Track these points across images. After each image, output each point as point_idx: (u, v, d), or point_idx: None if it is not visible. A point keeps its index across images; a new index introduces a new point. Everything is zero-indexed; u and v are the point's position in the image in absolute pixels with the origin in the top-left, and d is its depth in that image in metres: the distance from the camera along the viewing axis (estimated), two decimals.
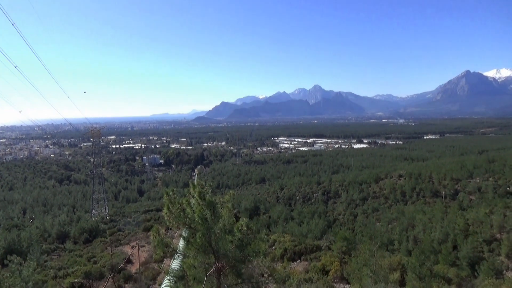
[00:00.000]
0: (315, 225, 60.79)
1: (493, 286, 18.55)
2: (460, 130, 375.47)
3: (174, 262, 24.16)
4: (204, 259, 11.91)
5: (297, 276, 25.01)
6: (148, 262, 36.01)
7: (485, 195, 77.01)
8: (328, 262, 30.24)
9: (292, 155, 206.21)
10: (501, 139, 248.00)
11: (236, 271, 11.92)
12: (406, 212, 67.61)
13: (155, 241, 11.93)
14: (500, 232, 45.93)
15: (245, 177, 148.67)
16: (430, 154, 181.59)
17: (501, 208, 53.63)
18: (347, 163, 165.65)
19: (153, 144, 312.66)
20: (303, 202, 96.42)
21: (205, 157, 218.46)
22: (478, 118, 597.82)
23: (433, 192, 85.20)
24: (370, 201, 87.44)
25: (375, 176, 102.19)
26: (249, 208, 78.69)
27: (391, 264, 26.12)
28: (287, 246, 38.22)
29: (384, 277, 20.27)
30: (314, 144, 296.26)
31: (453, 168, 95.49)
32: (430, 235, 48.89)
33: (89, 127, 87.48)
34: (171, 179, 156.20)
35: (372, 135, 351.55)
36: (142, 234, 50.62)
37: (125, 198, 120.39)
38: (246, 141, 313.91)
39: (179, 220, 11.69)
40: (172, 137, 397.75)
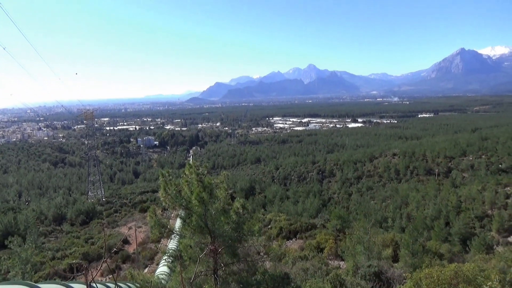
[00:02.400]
0: (310, 204, 61.43)
1: (483, 261, 18.93)
2: (454, 108, 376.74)
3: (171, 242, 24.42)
4: (200, 239, 11.98)
5: (292, 254, 25.38)
6: (145, 243, 36.37)
7: (478, 173, 77.95)
8: (323, 240, 30.69)
9: (287, 135, 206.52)
10: (494, 117, 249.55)
11: (232, 251, 12.01)
12: (400, 190, 68.44)
13: (151, 222, 11.94)
14: (492, 208, 46.77)
15: (240, 158, 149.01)
16: (424, 133, 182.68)
17: (493, 185, 54.42)
18: (342, 142, 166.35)
19: (147, 125, 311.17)
20: (298, 181, 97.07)
21: (200, 138, 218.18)
22: (472, 96, 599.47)
23: (427, 170, 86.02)
24: (365, 180, 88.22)
25: (370, 155, 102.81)
26: (244, 188, 79.19)
27: (384, 241, 26.57)
28: (282, 225, 38.68)
29: (378, 254, 20.61)
30: (309, 124, 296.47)
31: (446, 146, 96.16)
32: (423, 212, 49.72)
33: (82, 109, 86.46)
34: (166, 160, 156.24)
35: (366, 114, 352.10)
36: (139, 215, 50.99)
37: (121, 180, 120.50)
38: (240, 122, 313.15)
39: (175, 201, 11.68)
40: (166, 118, 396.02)
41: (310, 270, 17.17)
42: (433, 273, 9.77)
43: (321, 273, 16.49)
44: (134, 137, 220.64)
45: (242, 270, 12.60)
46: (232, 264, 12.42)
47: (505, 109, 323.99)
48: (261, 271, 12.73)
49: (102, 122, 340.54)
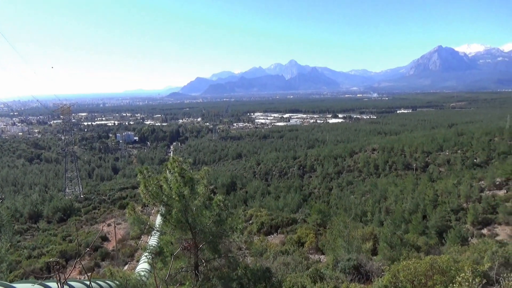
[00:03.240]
0: (291, 199, 61.84)
1: (458, 253, 19.48)
2: (431, 104, 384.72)
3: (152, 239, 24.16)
4: (181, 235, 11.91)
5: (273, 248, 25.53)
6: (125, 240, 35.93)
7: (454, 167, 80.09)
8: (303, 234, 30.98)
9: (268, 131, 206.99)
10: (470, 113, 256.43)
11: (213, 246, 11.98)
12: (379, 185, 69.62)
13: (131, 219, 11.79)
14: (467, 201, 48.15)
15: (222, 153, 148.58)
16: (402, 128, 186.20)
17: (468, 179, 56.01)
18: (323, 137, 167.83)
19: (126, 120, 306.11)
20: (279, 177, 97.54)
21: (180, 134, 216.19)
22: (449, 93, 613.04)
23: (405, 165, 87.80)
24: (345, 175, 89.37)
25: (350, 150, 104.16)
26: (226, 184, 79.01)
27: (364, 234, 26.99)
28: (264, 220, 38.83)
29: (357, 247, 20.94)
30: (290, 119, 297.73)
31: (424, 142, 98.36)
32: (401, 206, 50.76)
33: (59, 104, 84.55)
34: (146, 156, 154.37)
35: (347, 109, 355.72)
36: (118, 212, 50.31)
37: (99, 176, 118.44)
38: (222, 117, 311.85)
39: (155, 198, 11.57)
40: (146, 113, 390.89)
41: (291, 265, 17.33)
42: (410, 265, 10.00)
43: (301, 267, 16.66)
44: (113, 132, 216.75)
45: (223, 266, 12.60)
46: (213, 260, 12.39)
47: (480, 106, 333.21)
48: (243, 266, 12.76)
49: (80, 117, 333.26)
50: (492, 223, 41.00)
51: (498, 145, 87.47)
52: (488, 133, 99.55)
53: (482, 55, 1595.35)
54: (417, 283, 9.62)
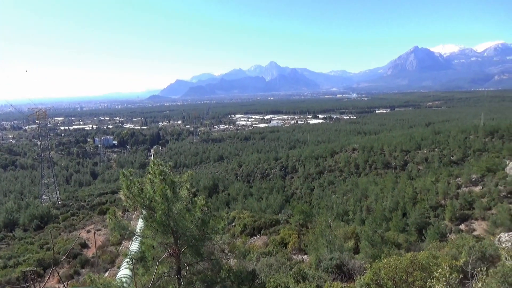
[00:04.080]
0: (274, 200, 61.99)
1: (437, 249, 19.89)
2: (409, 104, 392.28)
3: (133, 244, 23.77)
4: (163, 239, 11.77)
5: (257, 250, 25.49)
6: (105, 246, 35.22)
7: (431, 165, 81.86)
8: (286, 235, 31.04)
9: (250, 132, 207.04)
10: (446, 112, 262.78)
11: (195, 250, 11.89)
12: (359, 184, 70.47)
13: (111, 224, 11.60)
14: (445, 198, 49.28)
15: (203, 156, 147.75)
16: (381, 128, 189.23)
17: (446, 176, 57.42)
18: (304, 138, 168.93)
19: (105, 124, 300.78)
20: (261, 178, 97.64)
21: (161, 137, 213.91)
22: (425, 92, 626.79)
23: (385, 163, 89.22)
24: (326, 175, 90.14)
25: (331, 150, 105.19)
26: (208, 186, 78.66)
27: (346, 233, 27.27)
28: (246, 222, 38.75)
29: (339, 246, 21.11)
30: (271, 121, 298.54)
31: (402, 141, 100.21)
32: (382, 204, 51.54)
33: (34, 109, 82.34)
34: (126, 160, 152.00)
35: (327, 110, 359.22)
36: (98, 218, 49.31)
37: (78, 182, 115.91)
38: (203, 119, 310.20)
39: (137, 201, 11.41)
40: (125, 116, 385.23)
41: (274, 266, 17.31)
42: (391, 263, 10.15)
43: (285, 268, 16.67)
44: (91, 136, 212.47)
45: (206, 269, 12.50)
46: (196, 263, 12.29)
47: (455, 105, 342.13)
48: (226, 269, 12.69)
49: (56, 122, 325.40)
50: (469, 218, 42.09)
51: (473, 142, 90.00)
52: (464, 131, 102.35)
53: (457, 55, 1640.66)
54: (398, 280, 9.78)
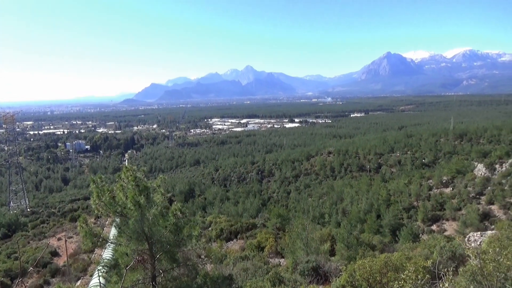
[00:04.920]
0: (250, 204, 61.96)
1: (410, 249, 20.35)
2: (382, 108, 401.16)
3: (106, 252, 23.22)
4: (137, 246, 11.53)
5: (233, 254, 25.37)
6: (77, 254, 34.23)
7: (404, 167, 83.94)
8: (263, 238, 31.06)
9: (226, 136, 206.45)
10: (418, 116, 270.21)
11: (171, 256, 11.70)
12: (335, 187, 71.40)
13: (83, 232, 11.28)
14: (417, 200, 50.57)
15: (179, 160, 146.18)
16: (356, 131, 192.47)
17: (418, 179, 58.97)
18: (280, 142, 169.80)
19: (77, 129, 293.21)
20: (238, 182, 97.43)
21: (135, 141, 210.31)
22: (398, 97, 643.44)
23: (359, 166, 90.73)
24: (302, 178, 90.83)
25: (307, 154, 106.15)
26: (184, 191, 77.86)
27: (322, 236, 27.52)
28: (223, 226, 38.57)
29: (316, 249, 21.28)
30: (248, 125, 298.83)
31: (376, 144, 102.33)
32: (357, 207, 52.33)
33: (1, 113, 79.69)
34: (99, 165, 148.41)
35: (303, 114, 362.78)
36: (69, 225, 47.93)
37: (48, 188, 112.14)
38: (178, 123, 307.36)
39: (109, 208, 11.13)
40: (98, 121, 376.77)
41: (250, 270, 17.27)
42: (366, 264, 10.30)
43: (261, 272, 16.65)
44: (62, 141, 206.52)
45: (182, 275, 12.32)
46: (171, 269, 12.10)
47: (427, 109, 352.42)
48: (202, 274, 12.55)
49: (25, 126, 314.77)
50: (440, 219, 43.33)
51: (444, 145, 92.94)
52: (435, 134, 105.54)
53: (427, 61, 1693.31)
54: (373, 281, 9.92)
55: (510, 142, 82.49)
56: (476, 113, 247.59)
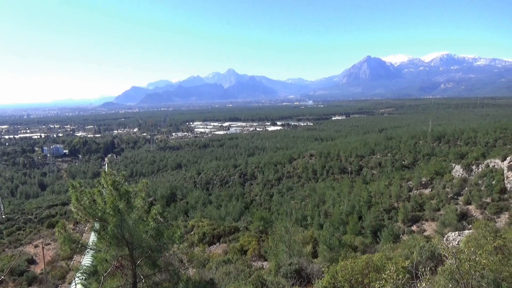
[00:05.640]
0: (233, 207, 61.70)
1: (391, 250, 20.63)
2: (363, 111, 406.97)
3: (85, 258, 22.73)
4: (117, 252, 11.32)
5: (216, 258, 25.19)
6: (55, 261, 33.35)
7: (385, 169, 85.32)
8: (246, 242, 30.95)
9: (208, 140, 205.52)
10: (397, 118, 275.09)
11: (152, 261, 11.53)
12: (317, 189, 71.86)
13: (61, 238, 11.02)
14: (397, 201, 51.36)
15: (161, 164, 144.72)
16: (337, 134, 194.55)
17: (398, 180, 59.94)
18: (262, 145, 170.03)
19: (55, 133, 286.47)
20: (220, 185, 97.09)
21: (116, 145, 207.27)
22: (378, 100, 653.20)
23: (341, 168, 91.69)
24: (285, 181, 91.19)
25: (289, 156, 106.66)
26: (165, 195, 76.96)
27: (304, 238, 27.60)
28: (205, 230, 38.27)
29: (298, 251, 21.33)
30: (230, 128, 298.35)
31: (357, 146, 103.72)
32: (339, 209, 52.75)
33: None
34: (78, 170, 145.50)
35: (285, 117, 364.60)
36: (47, 232, 46.68)
37: (24, 194, 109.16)
38: (160, 127, 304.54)
39: (89, 213, 10.90)
40: (77, 124, 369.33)
41: (233, 274, 17.16)
42: (348, 265, 10.36)
43: (244, 276, 16.56)
44: (39, 146, 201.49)
45: (164, 281, 12.16)
46: (153, 275, 11.92)
47: (406, 111, 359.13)
48: (184, 279, 12.42)
49: (0, 130, 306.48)
50: (420, 219, 44.10)
51: (423, 147, 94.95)
52: (414, 136, 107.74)
53: (406, 65, 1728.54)
54: (355, 282, 9.99)
55: (486, 144, 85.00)
56: (453, 115, 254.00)
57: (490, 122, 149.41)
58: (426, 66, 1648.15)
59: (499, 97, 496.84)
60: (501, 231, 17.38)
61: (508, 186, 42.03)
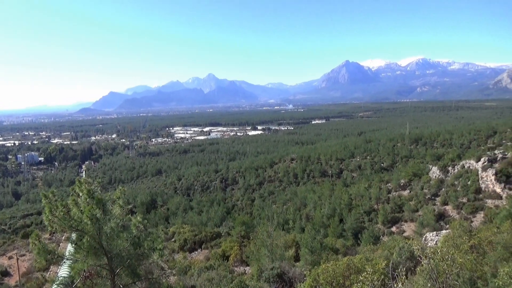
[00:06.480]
0: (215, 213, 61.37)
1: (371, 251, 20.87)
2: (342, 114, 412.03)
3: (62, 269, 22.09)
4: (95, 262, 11.03)
5: (198, 265, 24.93)
6: (30, 272, 32.27)
7: (364, 172, 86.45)
8: (228, 247, 30.77)
9: (189, 145, 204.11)
10: (376, 122, 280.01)
11: (131, 270, 11.28)
12: (298, 193, 72.20)
13: (36, 249, 10.65)
14: (377, 203, 52.10)
15: (140, 170, 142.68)
16: (317, 138, 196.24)
17: (377, 182, 60.90)
18: (243, 150, 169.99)
19: (29, 140, 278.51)
20: (201, 191, 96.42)
21: (93, 152, 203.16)
22: (356, 103, 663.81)
23: (322, 172, 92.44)
24: (266, 185, 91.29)
25: (270, 161, 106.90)
26: (145, 202, 75.84)
27: (286, 242, 27.63)
28: (187, 236, 37.88)
29: (281, 255, 21.32)
30: (211, 133, 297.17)
31: (337, 150, 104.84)
32: (320, 212, 53.14)
33: None
34: (54, 178, 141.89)
35: (265, 121, 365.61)
36: (22, 242, 45.13)
37: None
38: (139, 133, 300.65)
39: (64, 223, 10.59)
40: (53, 131, 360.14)
41: (215, 280, 16.98)
42: (329, 268, 10.40)
43: (226, 281, 16.42)
44: (13, 153, 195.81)
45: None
46: (133, 284, 11.67)
47: (384, 115, 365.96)
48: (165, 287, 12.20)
49: None
50: (399, 221, 44.86)
51: (401, 150, 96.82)
52: (392, 139, 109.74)
53: (384, 69, 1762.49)
54: (336, 284, 10.02)
55: (461, 146, 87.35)
56: (429, 118, 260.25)
57: (465, 124, 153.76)
58: (402, 70, 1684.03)
59: (473, 100, 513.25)
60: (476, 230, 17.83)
61: (483, 186, 43.28)
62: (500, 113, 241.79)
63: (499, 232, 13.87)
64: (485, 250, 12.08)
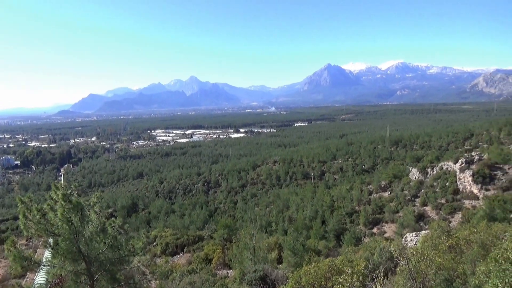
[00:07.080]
0: (197, 216, 60.99)
1: (353, 252, 21.06)
2: (324, 117, 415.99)
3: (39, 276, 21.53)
4: (73, 267, 10.78)
5: (180, 269, 24.66)
6: (5, 279, 31.31)
7: (346, 174, 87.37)
8: (210, 250, 30.58)
9: (171, 148, 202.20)
10: (357, 124, 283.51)
11: (111, 275, 11.07)
12: (281, 195, 72.40)
13: (11, 255, 10.35)
14: (359, 204, 52.71)
15: (121, 173, 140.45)
16: (300, 140, 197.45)
17: (359, 184, 61.62)
18: (226, 152, 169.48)
19: (5, 143, 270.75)
20: (184, 194, 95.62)
21: (72, 155, 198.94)
22: (338, 106, 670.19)
23: (304, 174, 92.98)
24: (249, 188, 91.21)
25: (253, 163, 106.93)
26: (126, 206, 74.86)
27: (269, 244, 27.65)
28: (168, 240, 37.47)
29: (263, 258, 21.29)
30: (193, 136, 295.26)
31: (319, 152, 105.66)
32: (302, 214, 53.43)
33: None
34: (31, 182, 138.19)
35: (248, 124, 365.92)
36: None
37: None
38: (120, 135, 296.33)
39: (40, 228, 10.32)
40: (30, 134, 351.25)
41: (197, 283, 16.83)
42: (311, 270, 10.43)
43: (208, 285, 16.29)
44: None
45: None
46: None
47: (365, 117, 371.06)
48: None
49: None
50: (380, 222, 45.45)
51: (381, 152, 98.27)
52: (373, 141, 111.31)
53: (364, 72, 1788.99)
54: (318, 286, 10.05)
55: (440, 148, 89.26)
56: (409, 121, 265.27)
57: (443, 126, 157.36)
58: (383, 74, 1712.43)
59: (450, 103, 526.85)
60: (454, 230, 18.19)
61: (461, 187, 44.29)
62: (476, 116, 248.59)
63: (476, 232, 14.19)
64: (463, 250, 12.33)
